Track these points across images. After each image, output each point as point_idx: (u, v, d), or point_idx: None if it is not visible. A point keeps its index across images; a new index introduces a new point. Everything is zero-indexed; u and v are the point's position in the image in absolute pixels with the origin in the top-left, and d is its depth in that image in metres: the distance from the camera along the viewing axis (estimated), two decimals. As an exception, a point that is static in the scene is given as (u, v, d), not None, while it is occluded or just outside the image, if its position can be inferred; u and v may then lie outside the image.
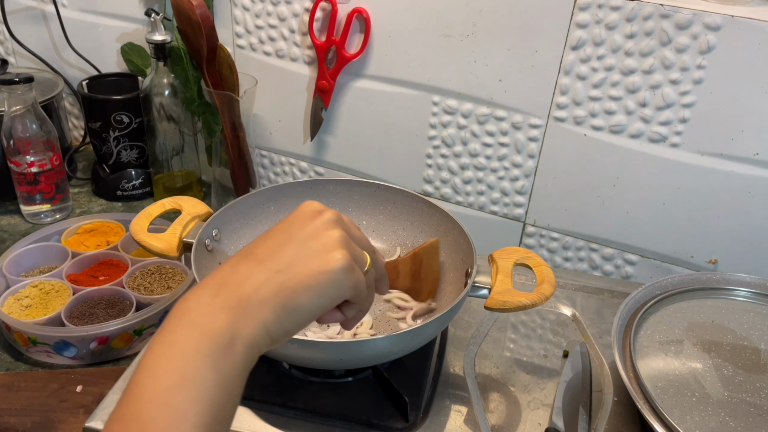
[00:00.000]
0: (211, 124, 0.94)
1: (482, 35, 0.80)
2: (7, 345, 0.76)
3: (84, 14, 1.06)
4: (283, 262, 0.42)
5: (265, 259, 0.42)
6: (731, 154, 0.74)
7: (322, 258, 0.42)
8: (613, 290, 0.81)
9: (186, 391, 0.36)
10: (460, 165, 0.89)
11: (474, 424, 0.61)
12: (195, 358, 0.37)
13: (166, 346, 0.38)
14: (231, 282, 0.41)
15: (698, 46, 0.70)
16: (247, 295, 0.40)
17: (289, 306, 0.41)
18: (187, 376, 0.37)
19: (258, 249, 0.43)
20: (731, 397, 0.58)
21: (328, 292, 0.42)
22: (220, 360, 0.38)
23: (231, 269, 0.42)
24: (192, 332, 0.38)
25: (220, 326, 0.38)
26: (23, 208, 0.96)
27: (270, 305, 0.40)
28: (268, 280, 0.41)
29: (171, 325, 0.39)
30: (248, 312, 0.40)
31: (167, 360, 0.37)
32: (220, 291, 0.40)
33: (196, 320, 0.39)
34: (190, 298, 0.40)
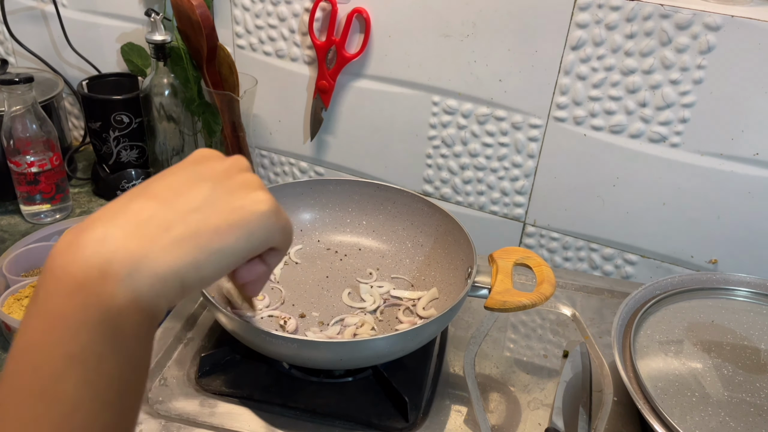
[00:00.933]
0: (211, 124, 0.94)
1: (482, 35, 0.80)
2: (8, 345, 0.76)
3: (84, 14, 1.06)
4: (197, 201, 0.35)
5: (169, 198, 0.35)
6: (731, 154, 0.74)
7: (245, 197, 0.37)
8: (613, 290, 0.81)
9: (76, 374, 0.29)
10: (460, 165, 0.89)
11: (474, 424, 0.61)
12: (83, 331, 0.30)
13: (43, 318, 0.30)
14: (125, 223, 0.33)
15: (698, 46, 0.70)
16: (151, 237, 0.33)
17: (210, 248, 0.34)
18: (75, 356, 0.29)
19: (155, 187, 0.36)
20: (731, 397, 0.58)
21: (257, 233, 0.37)
22: (118, 324, 0.30)
23: (121, 209, 0.34)
24: (77, 296, 0.30)
25: (114, 282, 0.31)
26: (23, 208, 0.96)
27: (185, 247, 0.33)
28: (178, 220, 0.34)
29: (47, 289, 0.31)
30: (154, 257, 0.32)
31: (46, 335, 0.30)
32: (110, 234, 0.32)
33: (77, 279, 0.30)
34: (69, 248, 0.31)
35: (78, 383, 0.29)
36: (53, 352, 0.29)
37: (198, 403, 0.62)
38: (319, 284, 0.75)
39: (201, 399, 0.62)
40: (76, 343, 0.29)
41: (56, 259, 0.31)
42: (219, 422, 0.60)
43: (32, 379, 0.29)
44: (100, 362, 0.30)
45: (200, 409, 0.61)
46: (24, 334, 0.31)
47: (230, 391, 0.62)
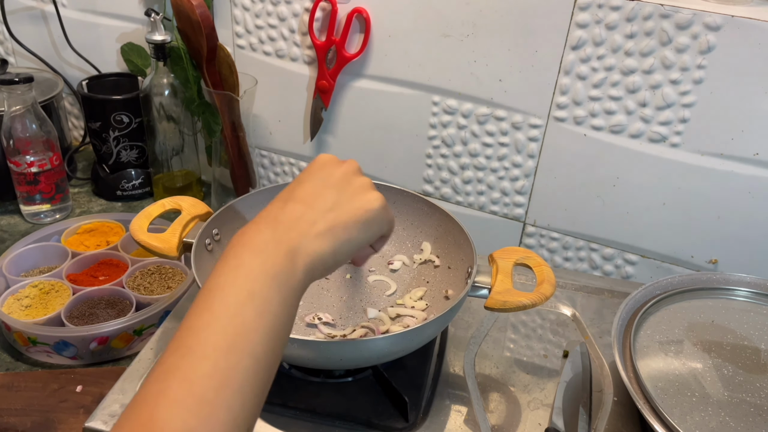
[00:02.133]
0: (211, 124, 0.94)
1: (482, 35, 0.80)
2: (7, 345, 0.76)
3: (84, 14, 1.06)
4: (329, 204, 0.48)
5: (310, 202, 0.48)
6: (731, 154, 0.74)
7: (363, 198, 0.50)
8: (613, 290, 0.81)
9: (254, 306, 0.40)
10: (460, 165, 0.89)
11: (474, 424, 0.61)
12: (261, 279, 0.41)
13: (232, 268, 0.42)
14: (285, 220, 0.46)
15: (698, 46, 0.70)
16: (305, 231, 0.45)
17: (342, 239, 0.47)
18: (255, 294, 0.40)
19: (298, 194, 0.49)
20: (731, 397, 0.58)
21: (373, 226, 0.50)
22: (283, 282, 0.42)
23: (280, 210, 0.47)
24: (256, 258, 0.42)
25: (282, 254, 0.43)
26: (23, 208, 0.96)
27: (326, 238, 0.46)
28: (320, 218, 0.47)
29: (234, 253, 0.43)
30: (307, 244, 0.45)
31: (234, 279, 0.41)
32: (278, 226, 0.45)
33: (259, 248, 0.43)
34: (250, 232, 0.45)
35: (255, 312, 0.40)
36: (239, 289, 0.40)
37: (198, 403, 0.62)
38: (319, 284, 0.75)
39: (201, 399, 0.62)
40: (256, 284, 0.41)
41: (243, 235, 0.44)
42: (219, 422, 0.60)
43: (221, 306, 0.39)
44: (270, 302, 0.41)
45: (200, 409, 0.61)
46: (215, 278, 0.41)
47: (230, 391, 0.62)
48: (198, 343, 0.38)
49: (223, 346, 0.38)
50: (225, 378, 0.37)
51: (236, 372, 0.37)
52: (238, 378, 0.37)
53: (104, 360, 0.75)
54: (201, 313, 0.40)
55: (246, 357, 0.38)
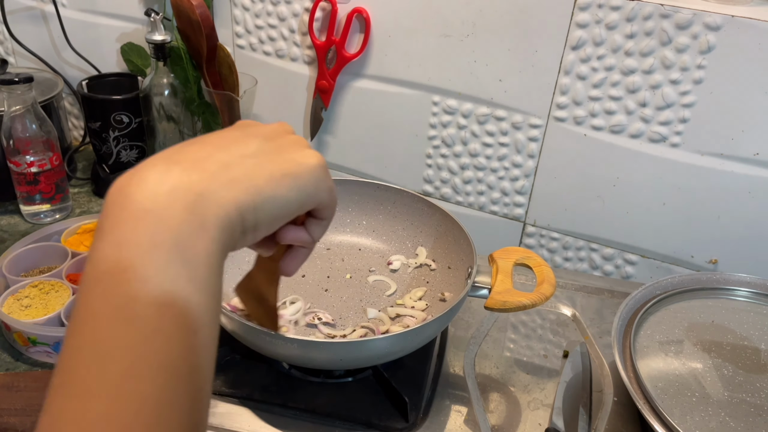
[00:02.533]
0: (211, 124, 0.94)
1: (482, 35, 0.80)
2: (7, 345, 0.76)
3: (84, 14, 1.06)
4: (250, 150, 0.35)
5: (225, 145, 0.35)
6: (731, 154, 0.74)
7: (296, 152, 0.37)
8: (613, 290, 0.81)
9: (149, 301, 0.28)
10: (460, 165, 0.89)
11: (474, 424, 0.61)
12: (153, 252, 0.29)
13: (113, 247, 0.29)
14: (183, 159, 0.33)
15: (698, 46, 0.70)
16: (212, 172, 0.32)
17: (265, 192, 0.34)
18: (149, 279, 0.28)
19: (209, 138, 0.36)
20: (731, 397, 0.58)
21: (307, 186, 0.37)
22: (189, 248, 0.30)
23: (176, 151, 0.34)
24: (145, 222, 0.29)
25: (181, 206, 0.30)
26: (23, 208, 0.96)
27: (243, 186, 0.33)
28: (236, 162, 0.34)
29: (112, 220, 0.30)
30: (216, 190, 0.32)
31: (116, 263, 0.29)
32: (171, 168, 0.32)
33: (145, 206, 0.30)
34: (130, 182, 0.31)
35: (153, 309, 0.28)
36: (125, 274, 0.28)
37: (198, 403, 0.62)
38: (319, 284, 0.75)
39: (201, 399, 0.62)
40: (148, 263, 0.28)
41: (120, 191, 0.31)
42: (219, 422, 0.60)
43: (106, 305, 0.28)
44: (175, 283, 0.29)
45: (200, 409, 0.61)
46: (92, 264, 0.29)
47: (230, 391, 0.62)
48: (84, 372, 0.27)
49: (121, 368, 0.27)
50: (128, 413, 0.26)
51: (144, 399, 0.27)
52: (149, 406, 0.27)
53: (104, 360, 0.75)
54: (81, 325, 0.28)
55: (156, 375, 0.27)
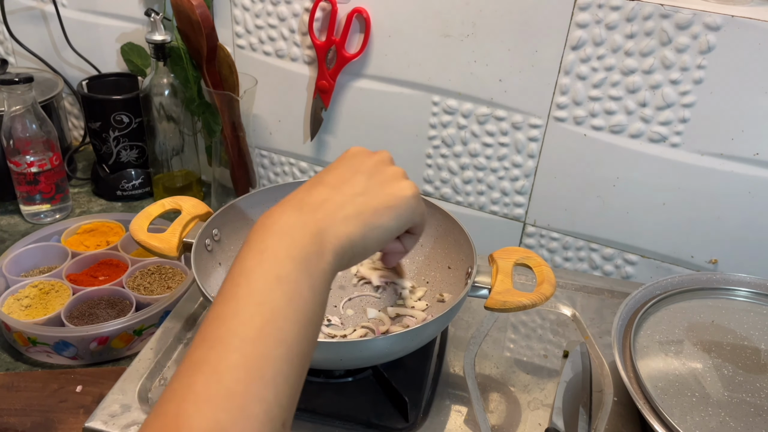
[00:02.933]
0: (211, 124, 0.94)
1: (482, 35, 0.80)
2: (7, 345, 0.76)
3: (84, 14, 1.06)
4: (359, 188, 0.46)
5: (338, 185, 0.46)
6: (731, 154, 0.74)
7: (395, 185, 0.48)
8: (613, 290, 0.81)
9: (282, 291, 0.38)
10: (460, 165, 0.89)
11: (474, 424, 0.61)
12: (288, 262, 0.39)
13: (257, 253, 0.40)
14: (311, 202, 0.44)
15: (698, 46, 0.70)
16: (332, 212, 0.44)
17: (372, 224, 0.45)
18: (282, 278, 0.38)
19: (326, 179, 0.47)
20: (731, 397, 0.58)
21: (404, 214, 0.47)
22: (312, 265, 0.40)
23: (306, 193, 0.45)
24: (282, 240, 0.40)
25: (309, 235, 0.41)
26: (23, 208, 0.96)
27: (355, 221, 0.44)
28: (349, 201, 0.45)
29: (258, 237, 0.41)
30: (335, 225, 0.43)
31: (260, 264, 0.39)
32: (303, 208, 0.43)
33: (284, 230, 0.41)
34: (274, 215, 0.42)
35: (283, 298, 0.38)
36: (266, 273, 0.38)
37: (198, 403, 0.62)
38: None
39: (201, 399, 0.62)
40: (283, 269, 0.39)
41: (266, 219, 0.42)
42: (219, 422, 0.60)
43: (247, 293, 0.38)
44: (298, 287, 0.39)
45: (200, 409, 0.61)
46: (240, 263, 0.39)
47: (230, 391, 0.62)
48: (225, 333, 0.36)
49: (252, 334, 0.36)
50: (255, 369, 0.35)
51: (267, 362, 0.35)
52: (270, 368, 0.35)
53: (104, 360, 0.75)
54: (227, 301, 0.38)
55: (277, 345, 0.36)
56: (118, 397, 0.60)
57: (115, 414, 0.58)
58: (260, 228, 0.42)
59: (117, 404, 0.60)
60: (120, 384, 0.62)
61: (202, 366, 0.35)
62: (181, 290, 0.78)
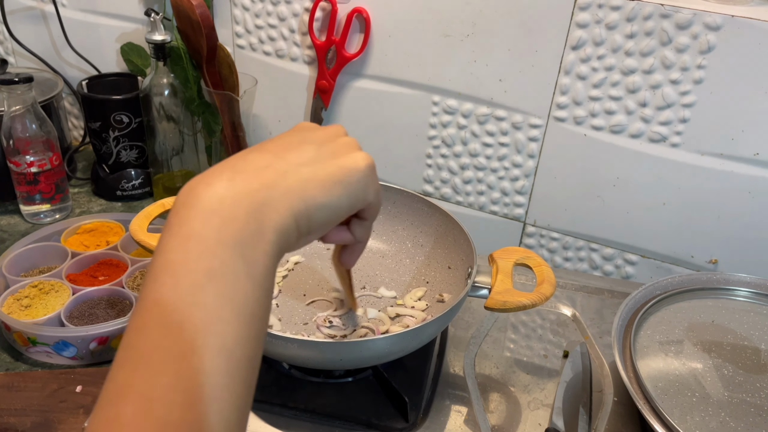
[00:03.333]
0: (211, 124, 0.94)
1: (482, 35, 0.80)
2: (7, 345, 0.76)
3: (84, 14, 1.06)
4: (305, 157, 0.39)
5: (281, 153, 0.39)
6: (731, 154, 0.74)
7: (348, 156, 0.41)
8: (613, 290, 0.81)
9: (216, 287, 0.32)
10: (460, 165, 0.89)
11: (474, 424, 0.61)
12: (220, 249, 0.32)
13: (182, 240, 0.33)
14: (246, 168, 0.36)
15: (698, 46, 0.70)
16: (271, 181, 0.36)
17: (318, 199, 0.38)
18: (214, 271, 0.32)
19: (268, 145, 0.40)
20: (731, 398, 0.58)
21: (355, 190, 0.40)
22: (250, 249, 0.33)
23: (240, 159, 0.37)
24: (210, 221, 0.33)
25: (244, 212, 0.34)
26: (23, 208, 0.96)
27: (298, 194, 0.37)
28: (292, 171, 0.37)
29: (181, 217, 0.34)
30: (274, 199, 0.36)
31: (185, 255, 0.32)
32: (236, 177, 0.35)
33: (213, 207, 0.33)
34: (199, 186, 0.35)
35: (217, 295, 0.31)
36: (193, 266, 0.32)
37: (198, 403, 0.62)
38: (319, 284, 0.75)
39: (201, 399, 0.62)
40: (214, 258, 0.32)
41: (190, 193, 0.34)
42: (219, 422, 0.60)
43: (173, 291, 0.31)
44: (236, 279, 0.32)
45: (200, 409, 0.61)
46: (161, 254, 0.33)
47: (230, 391, 0.62)
48: (150, 348, 0.30)
49: (183, 347, 0.30)
50: (191, 389, 0.29)
51: (204, 377, 0.30)
52: (208, 385, 0.30)
53: (104, 360, 0.75)
54: (149, 308, 0.31)
55: (214, 356, 0.30)
56: (118, 397, 0.60)
57: (115, 414, 0.58)
58: (183, 205, 0.34)
59: (117, 404, 0.59)
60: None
61: (128, 392, 0.29)
62: (181, 290, 0.78)
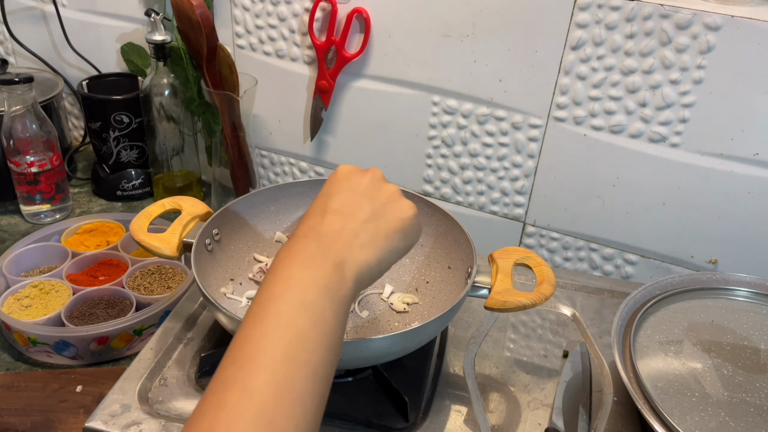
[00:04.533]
0: (211, 124, 0.94)
1: (482, 35, 0.80)
2: (7, 345, 0.76)
3: (84, 14, 1.06)
4: (366, 214, 0.49)
5: (348, 213, 0.48)
6: (731, 154, 0.74)
7: (398, 207, 0.51)
8: (613, 290, 0.81)
9: (307, 316, 0.40)
10: (460, 165, 0.89)
11: (474, 424, 0.61)
12: (313, 290, 0.42)
13: (283, 280, 0.42)
14: (327, 232, 0.46)
15: (698, 46, 0.70)
16: (349, 242, 0.46)
17: (386, 248, 0.48)
18: (307, 304, 0.41)
19: (333, 205, 0.49)
20: (731, 397, 0.58)
21: (411, 234, 0.51)
22: (334, 293, 0.43)
23: (319, 223, 0.47)
24: (306, 270, 0.43)
25: (330, 265, 0.44)
26: (23, 208, 0.96)
27: (370, 248, 0.47)
28: (362, 229, 0.48)
29: (283, 266, 0.43)
30: (353, 254, 0.46)
31: (286, 290, 0.42)
32: (322, 239, 0.46)
33: (307, 261, 0.44)
34: (296, 246, 0.45)
35: (309, 322, 0.40)
36: (292, 299, 0.41)
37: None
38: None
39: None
40: (308, 295, 0.41)
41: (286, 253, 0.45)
42: (219, 422, 0.60)
43: (275, 317, 0.40)
44: (323, 312, 0.41)
45: (200, 409, 0.61)
46: (266, 291, 0.42)
47: (230, 391, 0.62)
48: (254, 353, 0.38)
49: (280, 355, 0.38)
50: (284, 387, 0.37)
51: (294, 381, 0.37)
52: (297, 387, 0.37)
53: (104, 360, 0.75)
54: (255, 324, 0.40)
55: (303, 366, 0.38)
56: (118, 397, 0.60)
57: (115, 414, 0.58)
58: (285, 258, 0.44)
59: (117, 404, 0.60)
60: (120, 384, 0.62)
61: (233, 384, 0.37)
62: (181, 290, 0.78)
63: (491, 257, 0.67)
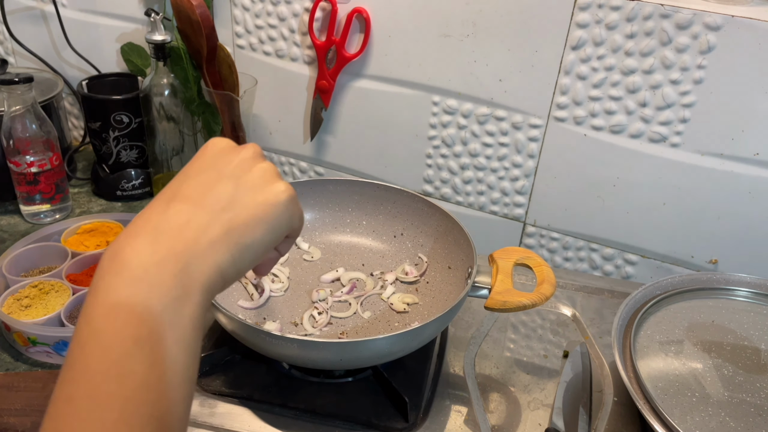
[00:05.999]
0: (211, 124, 0.94)
1: (482, 35, 0.80)
2: (7, 345, 0.76)
3: (84, 14, 1.06)
4: (223, 200, 0.39)
5: (199, 199, 0.39)
6: (731, 154, 0.74)
7: (267, 190, 0.41)
8: (613, 290, 0.81)
9: (142, 356, 0.32)
10: (460, 165, 0.89)
11: (474, 424, 0.61)
12: (147, 317, 0.33)
13: (108, 308, 0.33)
14: (168, 228, 0.37)
15: (698, 46, 0.70)
16: (194, 239, 0.37)
17: (242, 243, 0.38)
18: (141, 339, 0.32)
19: (186, 189, 0.39)
20: (731, 398, 0.58)
21: (279, 224, 0.41)
22: (177, 314, 0.34)
23: (161, 214, 0.37)
24: (138, 288, 0.33)
25: (170, 276, 0.34)
26: (23, 208, 0.96)
27: (222, 246, 0.37)
28: (213, 221, 0.38)
29: (107, 285, 0.34)
30: (198, 257, 0.36)
31: (112, 323, 0.32)
32: (159, 238, 0.36)
33: (138, 275, 0.34)
34: (125, 251, 0.35)
35: (145, 363, 0.32)
36: (121, 334, 0.32)
37: (198, 403, 0.62)
38: (319, 284, 0.74)
39: (201, 399, 0.62)
40: (142, 327, 0.32)
41: (113, 259, 0.35)
42: (219, 422, 0.60)
43: (101, 360, 0.32)
44: (163, 345, 0.33)
45: (200, 409, 0.61)
46: (88, 323, 0.33)
47: (230, 391, 0.62)
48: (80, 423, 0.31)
49: (113, 417, 0.30)
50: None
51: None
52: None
53: (104, 360, 0.75)
54: (77, 379, 0.32)
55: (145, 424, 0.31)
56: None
57: (115, 414, 0.58)
58: (108, 270, 0.34)
59: (117, 404, 0.59)
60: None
61: None
62: (181, 290, 0.78)
63: (491, 257, 0.67)
